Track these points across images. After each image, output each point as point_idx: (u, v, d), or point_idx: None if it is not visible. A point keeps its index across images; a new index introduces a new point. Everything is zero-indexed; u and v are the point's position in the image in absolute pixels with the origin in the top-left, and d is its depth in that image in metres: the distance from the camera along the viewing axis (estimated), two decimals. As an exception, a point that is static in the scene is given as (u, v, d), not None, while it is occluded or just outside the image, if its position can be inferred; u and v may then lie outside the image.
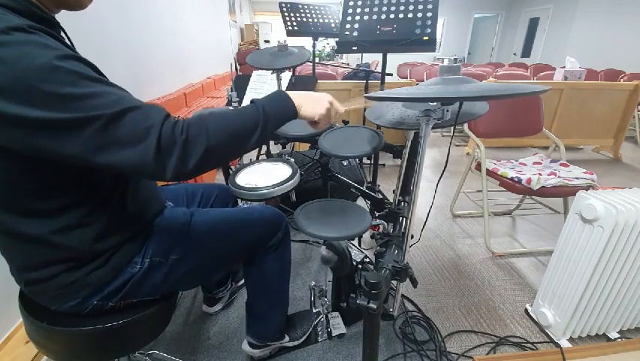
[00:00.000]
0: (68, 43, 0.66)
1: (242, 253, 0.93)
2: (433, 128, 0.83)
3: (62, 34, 0.66)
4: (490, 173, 1.78)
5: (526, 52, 8.62)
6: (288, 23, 2.40)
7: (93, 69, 0.57)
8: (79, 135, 0.50)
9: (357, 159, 2.00)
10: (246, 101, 1.91)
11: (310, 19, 2.45)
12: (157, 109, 0.56)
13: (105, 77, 0.59)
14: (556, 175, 1.64)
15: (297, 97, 0.74)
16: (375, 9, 1.61)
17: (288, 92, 0.74)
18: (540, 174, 1.63)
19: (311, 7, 2.47)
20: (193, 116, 0.59)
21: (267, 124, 0.67)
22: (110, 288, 0.72)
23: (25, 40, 0.49)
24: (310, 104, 0.75)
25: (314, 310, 1.28)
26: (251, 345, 1.09)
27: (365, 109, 1.19)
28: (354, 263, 1.05)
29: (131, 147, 0.52)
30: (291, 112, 0.73)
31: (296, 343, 1.16)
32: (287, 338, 1.14)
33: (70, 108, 0.49)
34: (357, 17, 1.63)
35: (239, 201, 1.27)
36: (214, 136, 0.59)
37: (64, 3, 0.63)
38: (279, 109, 0.71)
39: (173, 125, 0.55)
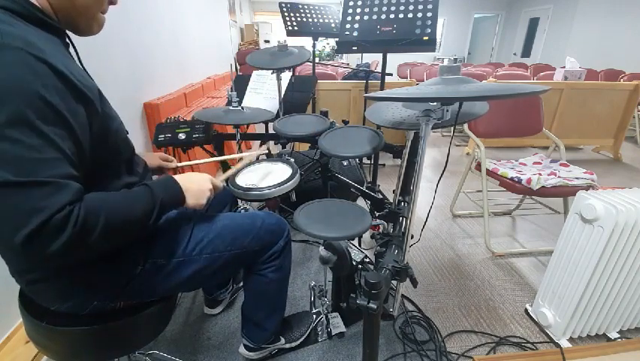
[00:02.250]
0: (72, 52, 0.67)
1: (243, 260, 0.93)
2: (433, 128, 0.83)
3: (67, 40, 0.66)
4: (490, 173, 1.78)
5: (526, 52, 8.62)
6: (288, 23, 2.40)
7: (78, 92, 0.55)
8: None
9: (357, 159, 2.00)
10: (246, 101, 1.91)
11: (310, 19, 2.45)
12: (63, 191, 0.51)
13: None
14: (556, 175, 1.64)
15: (185, 187, 0.75)
16: (375, 9, 1.61)
17: (179, 182, 0.74)
18: (540, 174, 1.63)
19: (311, 7, 2.47)
20: (91, 201, 0.55)
21: (159, 213, 0.67)
22: (110, 289, 0.72)
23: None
24: (194, 197, 0.76)
25: (314, 310, 1.28)
26: (247, 348, 1.09)
27: (365, 109, 1.19)
28: (354, 263, 1.04)
29: (2, 220, 0.48)
30: (179, 204, 0.74)
31: (292, 345, 1.16)
32: (283, 341, 1.14)
33: None
34: (357, 17, 1.63)
35: (239, 201, 1.27)
36: (108, 227, 0.56)
37: (74, 28, 0.65)
38: (171, 200, 0.71)
39: (68, 214, 0.50)
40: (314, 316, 1.25)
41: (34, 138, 0.49)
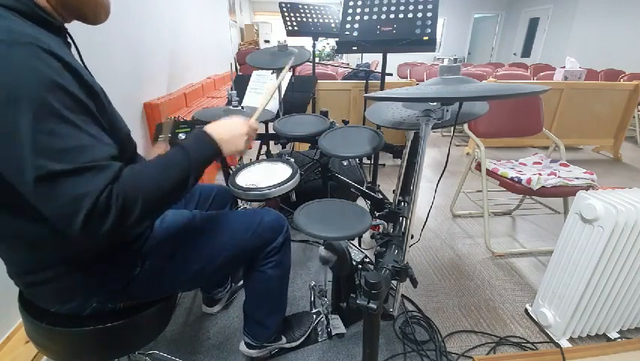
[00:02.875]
0: (74, 51, 0.67)
1: (242, 258, 0.93)
2: (433, 128, 0.83)
3: (69, 39, 0.66)
4: (490, 173, 1.78)
5: (526, 52, 8.62)
6: (288, 23, 2.40)
7: (89, 92, 0.56)
8: (19, 177, 0.49)
9: (357, 159, 2.00)
10: (246, 101, 1.91)
11: (310, 19, 2.45)
12: (104, 173, 0.52)
13: (101, 104, 0.59)
14: (556, 175, 1.64)
15: (219, 138, 0.73)
16: (375, 9, 1.61)
17: (212, 134, 0.72)
18: (540, 174, 1.63)
19: (311, 7, 2.47)
20: (126, 177, 0.56)
21: (196, 174, 0.67)
22: (110, 290, 0.72)
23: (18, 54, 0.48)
24: (230, 144, 0.75)
25: (314, 310, 1.28)
26: (248, 345, 1.09)
27: (365, 109, 1.19)
28: (354, 263, 1.04)
29: (57, 209, 0.50)
30: (216, 156, 0.73)
31: (293, 344, 1.16)
32: (284, 340, 1.14)
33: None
34: (357, 17, 1.63)
35: (239, 201, 1.27)
36: (147, 199, 0.57)
37: (81, 16, 0.64)
38: (206, 157, 0.71)
39: (109, 195, 0.52)
40: (314, 316, 1.25)
41: (67, 127, 0.50)
